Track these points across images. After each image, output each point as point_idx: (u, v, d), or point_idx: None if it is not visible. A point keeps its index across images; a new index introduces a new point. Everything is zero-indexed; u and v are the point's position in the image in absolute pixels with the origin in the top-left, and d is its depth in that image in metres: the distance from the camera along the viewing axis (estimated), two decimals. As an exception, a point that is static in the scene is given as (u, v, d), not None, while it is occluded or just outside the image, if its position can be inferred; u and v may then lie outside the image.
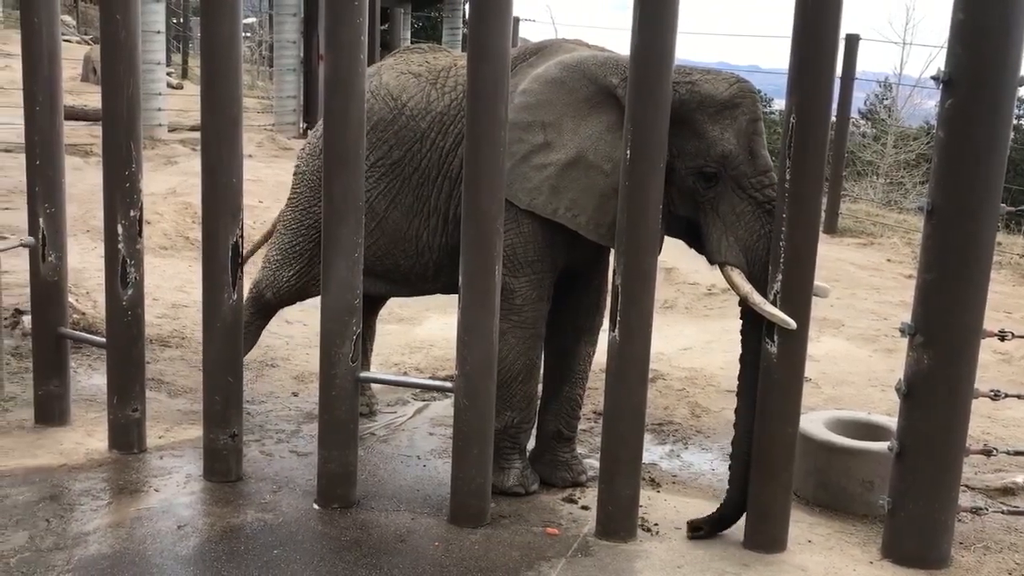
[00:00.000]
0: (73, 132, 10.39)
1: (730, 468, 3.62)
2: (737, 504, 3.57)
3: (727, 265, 3.48)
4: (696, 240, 3.64)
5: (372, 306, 4.65)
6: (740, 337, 3.55)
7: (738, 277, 3.45)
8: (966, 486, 4.10)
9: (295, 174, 4.36)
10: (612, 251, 3.58)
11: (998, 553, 3.61)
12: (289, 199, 4.37)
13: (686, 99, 3.47)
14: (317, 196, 4.14)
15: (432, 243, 3.95)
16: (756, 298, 3.37)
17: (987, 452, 3.62)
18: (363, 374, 3.78)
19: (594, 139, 3.63)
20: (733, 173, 3.47)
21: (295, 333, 6.03)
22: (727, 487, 3.61)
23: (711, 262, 3.56)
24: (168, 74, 14.94)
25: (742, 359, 3.55)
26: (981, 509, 3.72)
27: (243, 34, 3.86)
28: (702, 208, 3.54)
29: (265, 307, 4.50)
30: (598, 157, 3.61)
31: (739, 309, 3.52)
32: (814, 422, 4.15)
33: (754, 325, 3.45)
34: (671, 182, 3.48)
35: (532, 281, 3.74)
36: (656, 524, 3.68)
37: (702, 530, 3.58)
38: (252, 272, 4.55)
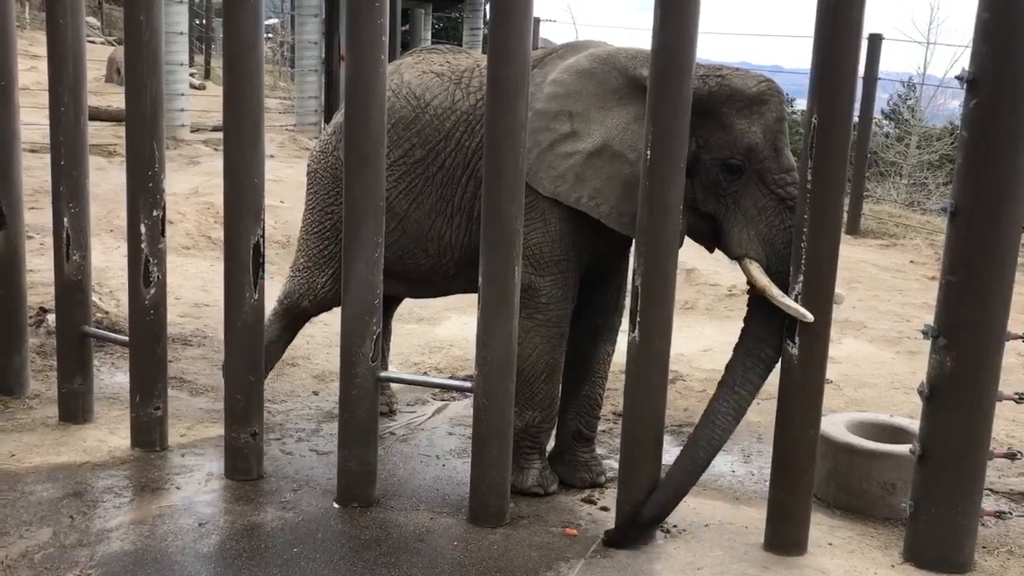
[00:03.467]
0: (97, 132, 10.48)
1: (675, 464, 3.51)
2: (662, 505, 3.47)
3: (746, 258, 3.48)
4: (716, 236, 3.62)
5: (388, 306, 4.65)
6: (743, 325, 3.54)
7: (757, 271, 3.44)
8: (989, 490, 4.06)
9: (308, 174, 4.35)
10: (632, 250, 3.57)
11: (1022, 558, 3.57)
12: (306, 202, 4.35)
13: (715, 91, 3.47)
14: (332, 194, 4.15)
15: (455, 242, 3.94)
16: (774, 291, 3.36)
17: (1011, 456, 3.58)
18: (383, 374, 3.79)
19: (620, 129, 3.62)
20: (758, 167, 3.47)
21: (316, 332, 6.06)
22: (663, 480, 3.49)
23: (731, 256, 3.56)
24: (191, 75, 15.05)
25: (739, 348, 3.52)
26: (1005, 513, 3.68)
27: (265, 35, 3.88)
28: (723, 202, 3.53)
29: (299, 317, 4.43)
30: (623, 146, 3.61)
31: (748, 299, 3.51)
32: (835, 424, 4.12)
33: (760, 321, 3.44)
34: (694, 175, 3.48)
35: (557, 280, 3.74)
36: (675, 526, 3.67)
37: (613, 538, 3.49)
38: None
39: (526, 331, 3.67)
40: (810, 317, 3.27)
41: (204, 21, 23.10)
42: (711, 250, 3.71)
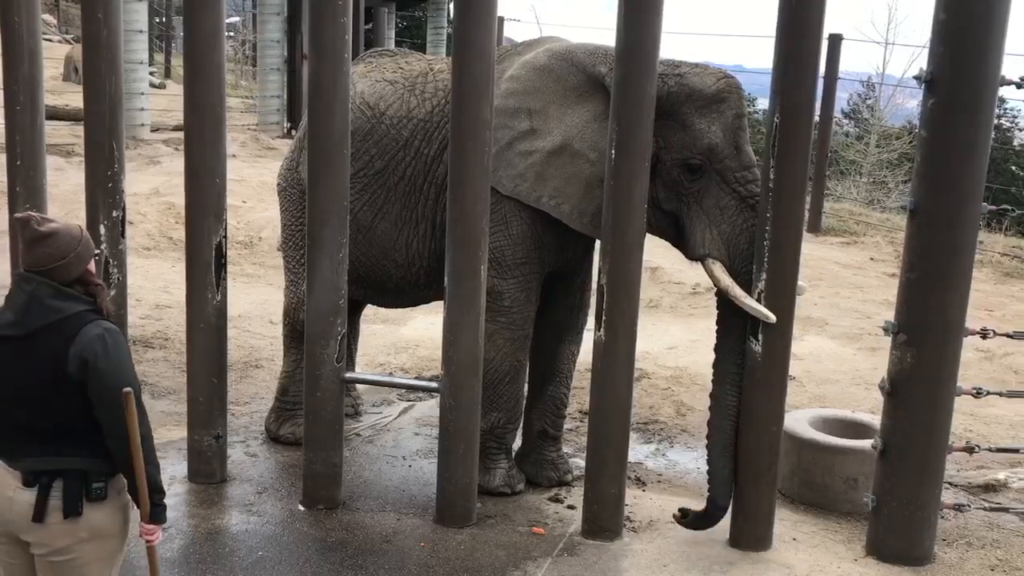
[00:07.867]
0: (55, 132, 10.32)
1: (711, 459, 3.53)
2: (726, 495, 3.51)
3: (709, 258, 3.49)
4: (677, 234, 3.64)
5: (355, 306, 4.63)
6: (716, 326, 3.55)
7: (719, 271, 3.46)
8: (949, 483, 4.13)
9: (278, 193, 4.32)
10: (596, 250, 3.58)
11: (980, 549, 3.63)
12: (281, 220, 4.33)
13: (674, 91, 3.48)
14: (301, 208, 4.11)
15: (423, 250, 3.91)
16: (737, 291, 3.38)
17: (969, 449, 3.64)
18: (348, 375, 3.77)
19: (580, 128, 3.62)
20: (718, 167, 3.48)
21: (280, 334, 6.00)
22: (709, 480, 3.54)
23: (691, 256, 3.56)
24: (151, 73, 14.87)
25: (718, 349, 3.53)
26: (964, 506, 3.74)
27: (226, 33, 3.84)
28: (685, 201, 3.54)
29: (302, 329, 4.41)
30: (584, 146, 3.61)
31: (717, 301, 3.53)
32: (799, 420, 4.17)
33: (733, 316, 3.45)
34: (656, 174, 3.48)
35: (520, 283, 3.73)
36: (642, 523, 3.69)
37: (687, 517, 3.54)
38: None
39: (489, 334, 3.66)
40: (772, 318, 3.29)
41: (164, 19, 22.83)
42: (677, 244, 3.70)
